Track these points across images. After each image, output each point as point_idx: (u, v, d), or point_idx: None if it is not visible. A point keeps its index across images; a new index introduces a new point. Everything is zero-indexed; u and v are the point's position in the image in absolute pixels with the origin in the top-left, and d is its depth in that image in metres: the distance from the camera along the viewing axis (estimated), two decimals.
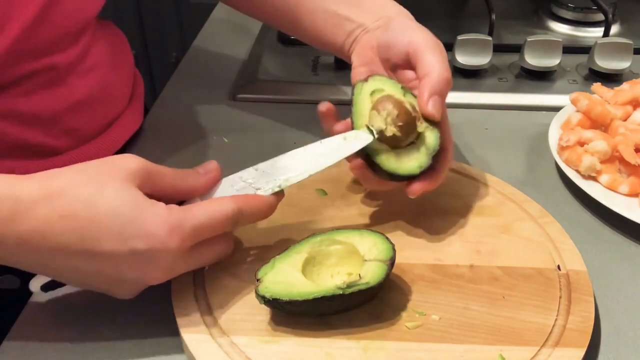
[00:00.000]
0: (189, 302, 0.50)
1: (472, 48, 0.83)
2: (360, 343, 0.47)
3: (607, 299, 0.54)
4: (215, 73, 0.88)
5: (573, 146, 0.66)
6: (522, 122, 0.78)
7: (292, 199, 0.60)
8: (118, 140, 0.69)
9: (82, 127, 0.65)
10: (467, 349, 0.47)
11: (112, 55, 0.69)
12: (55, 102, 0.61)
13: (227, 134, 0.75)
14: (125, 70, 0.72)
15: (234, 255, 0.53)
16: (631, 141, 0.65)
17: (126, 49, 0.74)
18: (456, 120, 0.78)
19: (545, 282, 0.53)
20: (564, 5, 0.99)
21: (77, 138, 0.64)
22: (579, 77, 0.85)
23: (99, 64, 0.66)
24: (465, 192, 0.62)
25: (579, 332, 0.48)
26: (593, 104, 0.70)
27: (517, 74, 0.86)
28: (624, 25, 0.99)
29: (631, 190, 0.63)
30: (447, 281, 0.53)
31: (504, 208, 0.60)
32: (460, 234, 0.57)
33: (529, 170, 0.70)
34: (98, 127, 0.67)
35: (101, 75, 0.66)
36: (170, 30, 1.76)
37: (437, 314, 0.50)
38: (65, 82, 0.62)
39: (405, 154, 0.53)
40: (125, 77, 0.72)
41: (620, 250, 0.60)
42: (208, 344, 0.47)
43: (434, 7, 1.04)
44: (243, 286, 0.52)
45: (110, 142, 0.68)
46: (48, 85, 0.60)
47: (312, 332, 0.48)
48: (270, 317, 0.49)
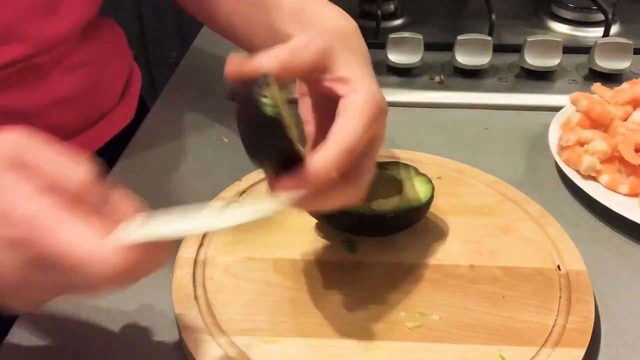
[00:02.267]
0: (189, 302, 0.50)
1: (472, 48, 0.83)
2: (360, 343, 0.47)
3: (607, 299, 0.54)
4: (215, 73, 0.88)
5: (573, 146, 0.66)
6: (522, 122, 0.78)
7: None
8: (102, 137, 0.68)
9: (66, 123, 0.64)
10: (467, 349, 0.47)
11: (104, 51, 0.69)
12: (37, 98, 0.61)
13: (227, 134, 0.75)
14: (118, 68, 0.72)
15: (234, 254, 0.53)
16: (631, 141, 0.65)
17: (122, 47, 0.74)
18: (456, 120, 0.79)
19: (545, 282, 0.53)
20: (564, 5, 0.99)
21: (61, 134, 0.63)
22: (579, 77, 0.85)
23: (88, 61, 0.65)
24: (465, 192, 0.62)
25: (579, 332, 0.48)
26: (593, 104, 0.70)
27: (517, 74, 0.85)
28: (624, 25, 0.99)
29: (631, 190, 0.63)
30: (447, 281, 0.53)
31: (504, 208, 0.60)
32: (460, 234, 0.57)
33: (529, 170, 0.70)
34: (84, 124, 0.66)
35: (89, 72, 0.65)
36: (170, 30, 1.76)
37: (437, 314, 0.50)
38: (46, 79, 0.61)
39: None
40: (118, 75, 0.72)
41: (620, 250, 0.60)
42: (208, 344, 0.47)
43: (434, 7, 1.04)
44: (243, 286, 0.52)
45: (93, 138, 0.67)
46: (29, 82, 0.60)
47: (312, 332, 0.48)
48: (270, 317, 0.49)
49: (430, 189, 0.56)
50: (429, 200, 0.55)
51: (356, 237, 0.56)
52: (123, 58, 0.74)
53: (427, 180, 0.57)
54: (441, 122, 0.78)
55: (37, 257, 0.35)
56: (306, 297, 0.51)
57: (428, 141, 0.73)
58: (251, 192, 0.61)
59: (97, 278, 0.35)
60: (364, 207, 0.54)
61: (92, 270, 0.34)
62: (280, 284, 0.52)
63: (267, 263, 0.54)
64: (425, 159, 0.66)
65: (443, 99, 0.81)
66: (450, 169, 0.65)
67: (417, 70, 0.85)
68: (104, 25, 0.71)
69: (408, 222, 0.56)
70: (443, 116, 0.79)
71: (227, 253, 0.55)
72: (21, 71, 0.58)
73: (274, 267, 0.54)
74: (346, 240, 0.56)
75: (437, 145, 0.72)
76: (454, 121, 0.78)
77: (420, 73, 0.85)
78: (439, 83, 0.84)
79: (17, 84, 0.58)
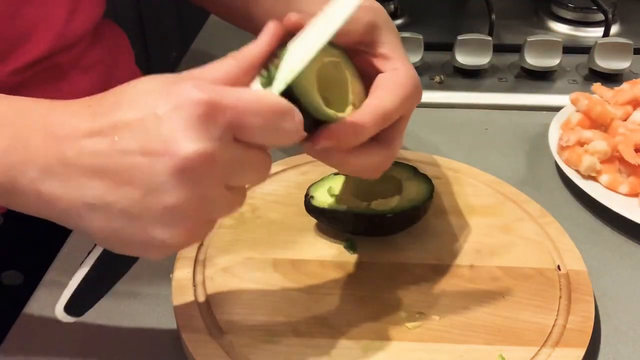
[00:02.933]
0: (189, 302, 0.50)
1: (472, 48, 0.83)
2: (360, 343, 0.47)
3: (607, 299, 0.54)
4: None
5: (573, 146, 0.66)
6: (522, 122, 0.78)
7: (292, 199, 0.60)
8: None
9: None
10: (467, 349, 0.47)
11: (112, 52, 0.70)
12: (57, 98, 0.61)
13: None
14: (125, 67, 0.73)
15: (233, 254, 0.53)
16: (631, 141, 0.65)
17: (126, 47, 0.75)
18: (456, 120, 0.79)
19: (545, 282, 0.53)
20: (564, 5, 0.99)
21: None
22: (579, 77, 0.85)
23: (100, 60, 0.67)
24: (465, 192, 0.62)
25: (579, 332, 0.48)
26: (593, 104, 0.70)
27: (517, 74, 0.85)
28: (624, 25, 0.99)
29: (631, 190, 0.63)
30: (447, 281, 0.53)
31: (504, 208, 0.60)
32: (460, 234, 0.57)
33: (529, 170, 0.70)
34: None
35: (102, 71, 0.67)
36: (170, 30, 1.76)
37: (437, 314, 0.50)
38: (66, 78, 0.62)
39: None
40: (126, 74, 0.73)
41: (620, 250, 0.60)
42: (208, 344, 0.47)
43: (434, 7, 1.04)
44: (243, 286, 0.52)
45: None
46: (51, 81, 0.60)
47: (312, 332, 0.48)
48: (270, 317, 0.49)
49: (430, 189, 0.56)
50: (429, 200, 0.55)
51: (356, 237, 0.56)
52: (129, 58, 0.75)
53: (427, 180, 0.57)
54: (441, 122, 0.78)
55: (232, 122, 0.36)
56: (306, 297, 0.51)
57: (428, 141, 0.73)
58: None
59: (298, 120, 0.38)
60: (364, 207, 0.54)
61: (293, 111, 0.38)
62: (280, 284, 0.52)
63: (267, 263, 0.54)
64: (425, 159, 0.66)
65: (443, 99, 0.81)
66: (450, 169, 0.65)
67: (417, 70, 0.83)
68: (108, 26, 0.72)
69: (408, 222, 0.56)
70: (443, 116, 0.79)
71: (227, 253, 0.55)
72: (44, 71, 0.59)
73: (274, 267, 0.54)
74: (346, 240, 0.56)
75: (437, 145, 0.72)
76: (454, 121, 0.78)
77: (420, 73, 0.85)
78: (439, 83, 0.84)
79: (39, 84, 0.60)
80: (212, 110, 0.35)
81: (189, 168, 0.35)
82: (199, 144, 0.34)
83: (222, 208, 0.39)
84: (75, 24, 0.61)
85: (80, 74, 0.64)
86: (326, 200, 0.54)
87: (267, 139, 0.38)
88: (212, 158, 0.35)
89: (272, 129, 0.37)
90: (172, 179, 0.35)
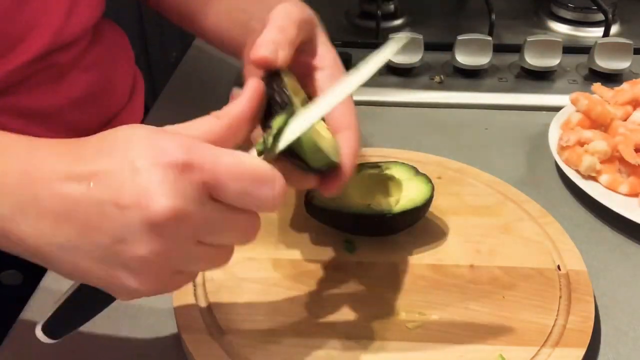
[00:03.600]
0: (189, 302, 0.50)
1: (472, 48, 0.83)
2: (360, 343, 0.47)
3: (607, 299, 0.54)
4: (215, 73, 0.88)
5: (573, 146, 0.66)
6: (522, 122, 0.78)
7: (292, 199, 0.60)
8: None
9: (83, 123, 0.65)
10: (467, 349, 0.47)
11: (112, 52, 0.70)
12: (56, 98, 0.62)
13: None
14: (125, 67, 0.73)
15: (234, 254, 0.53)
16: (631, 141, 0.65)
17: (126, 47, 0.75)
18: (456, 120, 0.79)
19: (545, 282, 0.52)
20: (564, 5, 0.99)
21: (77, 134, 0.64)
22: (579, 77, 0.85)
23: (99, 60, 0.67)
24: (465, 192, 0.62)
25: (579, 332, 0.48)
26: (593, 104, 0.70)
27: (517, 74, 0.85)
28: (624, 25, 0.99)
29: (631, 190, 0.63)
30: (447, 281, 0.53)
31: (504, 208, 0.60)
32: (460, 234, 0.57)
33: (529, 170, 0.70)
34: (98, 123, 0.67)
35: (101, 71, 0.67)
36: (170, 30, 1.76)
37: (437, 314, 0.50)
38: (66, 78, 0.62)
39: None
40: (125, 74, 0.73)
41: (620, 250, 0.60)
42: (208, 344, 0.47)
43: (434, 7, 1.04)
44: (243, 286, 0.52)
45: None
46: (50, 81, 0.60)
47: (312, 332, 0.48)
48: (270, 317, 0.49)
49: (430, 189, 0.56)
50: (429, 200, 0.55)
51: (356, 237, 0.56)
52: (128, 58, 0.75)
53: (427, 180, 0.57)
54: (441, 122, 0.78)
55: (208, 183, 0.35)
56: (306, 297, 0.51)
57: (428, 141, 0.73)
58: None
59: (278, 190, 0.37)
60: (364, 207, 0.54)
61: (274, 180, 0.37)
62: (280, 284, 0.52)
63: (267, 263, 0.54)
64: (425, 159, 0.66)
65: (443, 99, 0.81)
66: (450, 169, 0.65)
67: (417, 70, 0.85)
68: (107, 26, 0.72)
69: (408, 222, 0.56)
70: (443, 116, 0.79)
71: None
72: (44, 70, 0.59)
73: (274, 267, 0.54)
74: (346, 240, 0.56)
75: (437, 145, 0.72)
76: (454, 121, 0.78)
77: (420, 73, 0.85)
78: (439, 83, 0.84)
79: (39, 84, 0.60)
80: (189, 169, 0.35)
81: (160, 224, 0.35)
82: (172, 201, 0.34)
83: (197, 263, 0.39)
84: (74, 22, 0.61)
85: (80, 73, 0.64)
86: (326, 200, 0.54)
87: (244, 203, 0.37)
88: (185, 215, 0.35)
89: (248, 194, 0.37)
90: (141, 232, 0.35)
